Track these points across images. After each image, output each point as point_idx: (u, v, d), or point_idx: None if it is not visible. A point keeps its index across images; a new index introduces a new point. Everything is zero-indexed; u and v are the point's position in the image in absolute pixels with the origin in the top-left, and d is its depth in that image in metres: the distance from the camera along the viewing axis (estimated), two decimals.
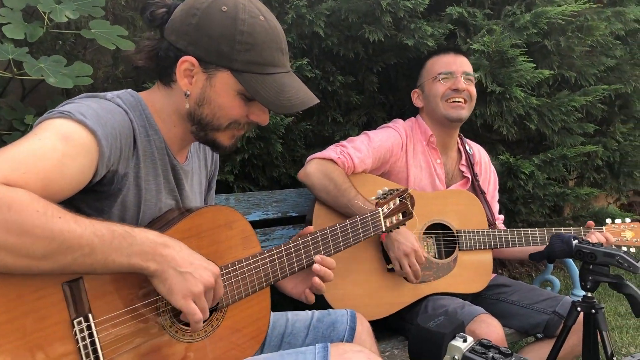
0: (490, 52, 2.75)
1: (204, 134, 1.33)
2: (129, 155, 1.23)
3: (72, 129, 1.10)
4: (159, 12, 1.29)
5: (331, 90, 2.92)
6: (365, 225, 1.66)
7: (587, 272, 1.83)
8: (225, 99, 1.28)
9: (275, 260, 1.39)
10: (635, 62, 3.63)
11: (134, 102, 1.30)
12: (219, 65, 1.25)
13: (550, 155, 3.17)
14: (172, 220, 1.28)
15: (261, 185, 2.87)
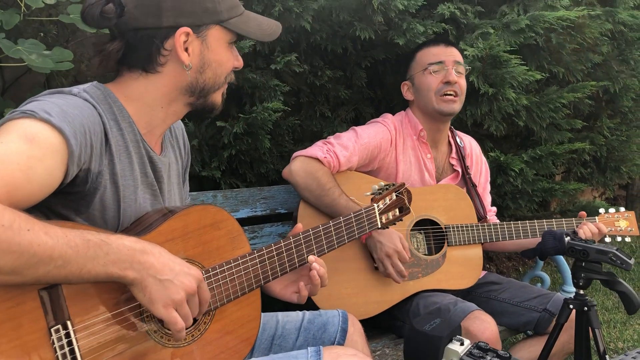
0: (483, 56, 2.73)
1: (204, 99, 1.35)
2: (101, 151, 1.18)
3: (37, 129, 1.04)
4: (107, 8, 1.22)
5: (319, 84, 2.88)
6: (359, 222, 1.62)
7: (579, 269, 1.81)
8: (222, 54, 1.32)
9: (265, 260, 1.35)
10: (622, 57, 3.64)
11: (101, 95, 1.24)
12: (209, 23, 1.28)
13: (539, 152, 3.17)
14: (156, 222, 1.22)
15: (249, 181, 2.83)
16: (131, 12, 1.23)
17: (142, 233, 1.19)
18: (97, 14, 1.22)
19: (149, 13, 1.22)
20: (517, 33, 2.83)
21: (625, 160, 3.93)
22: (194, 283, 1.13)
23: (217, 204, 2.14)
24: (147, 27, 1.23)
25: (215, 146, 2.66)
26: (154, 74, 1.28)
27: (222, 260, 1.27)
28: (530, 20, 2.81)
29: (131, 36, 1.24)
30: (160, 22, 1.23)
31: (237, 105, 2.74)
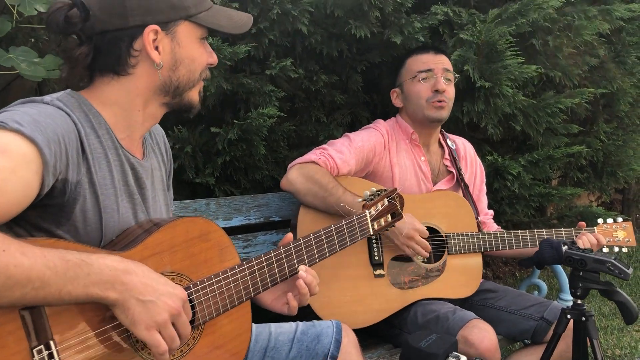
0: (479, 43, 2.70)
1: (180, 98, 1.32)
2: (77, 160, 1.14)
3: (8, 139, 1.00)
4: (72, 13, 1.18)
5: (314, 89, 2.86)
6: (351, 230, 1.59)
7: (577, 279, 1.79)
8: (194, 50, 1.30)
9: (255, 271, 1.32)
10: (619, 59, 3.62)
11: (75, 102, 1.20)
12: (177, 19, 1.26)
13: (536, 156, 3.15)
14: (141, 236, 1.19)
15: (243, 187, 2.80)
16: (96, 15, 1.20)
17: (128, 247, 1.16)
18: (61, 20, 1.18)
19: (114, 14, 1.20)
20: (508, 21, 2.82)
21: (622, 165, 3.91)
22: (179, 303, 1.10)
23: (210, 212, 2.11)
24: (114, 28, 1.21)
25: (209, 152, 2.63)
26: (126, 76, 1.25)
27: (210, 273, 1.24)
28: (521, 6, 2.80)
29: (98, 40, 1.21)
30: (126, 23, 1.20)
31: (232, 111, 2.71)
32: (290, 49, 2.75)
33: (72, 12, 1.18)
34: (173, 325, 1.11)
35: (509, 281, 4.38)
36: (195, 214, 2.09)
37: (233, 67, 2.55)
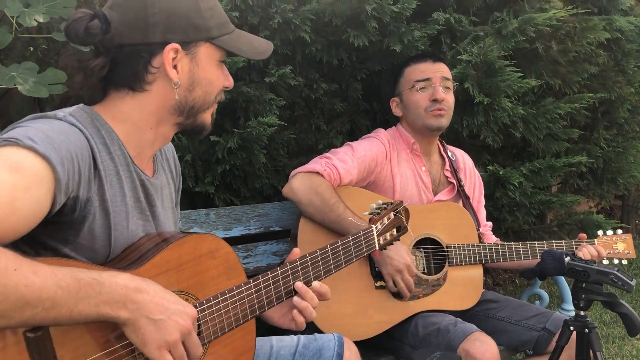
0: (477, 62, 2.70)
1: (193, 119, 1.31)
2: (89, 177, 1.13)
3: (21, 157, 0.99)
4: (92, 24, 1.17)
5: (314, 98, 2.86)
6: (357, 245, 1.57)
7: (580, 291, 1.79)
8: (212, 72, 1.29)
9: (261, 289, 1.30)
10: (619, 68, 3.63)
11: (88, 118, 1.18)
12: (199, 40, 1.25)
13: (538, 165, 3.15)
14: (149, 252, 1.18)
15: (243, 196, 2.79)
16: (117, 28, 1.18)
17: (135, 265, 1.14)
18: (81, 30, 1.16)
19: (136, 29, 1.18)
20: (507, 38, 2.82)
21: (622, 172, 3.91)
22: (189, 322, 1.09)
23: (210, 222, 2.10)
24: (134, 43, 1.19)
25: (208, 161, 2.62)
26: (142, 92, 1.23)
27: (217, 291, 1.22)
28: (519, 23, 2.80)
29: (117, 53, 1.20)
30: (148, 38, 1.19)
31: (231, 119, 2.71)
32: (290, 57, 2.75)
33: (93, 22, 1.17)
34: (183, 344, 1.09)
35: (509, 288, 4.38)
36: (195, 224, 2.08)
37: (232, 75, 2.54)
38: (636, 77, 3.71)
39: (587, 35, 3.09)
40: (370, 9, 2.53)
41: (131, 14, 1.18)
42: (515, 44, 2.82)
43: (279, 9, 2.52)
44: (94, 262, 1.15)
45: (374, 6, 2.55)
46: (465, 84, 2.71)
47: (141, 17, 1.18)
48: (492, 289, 4.34)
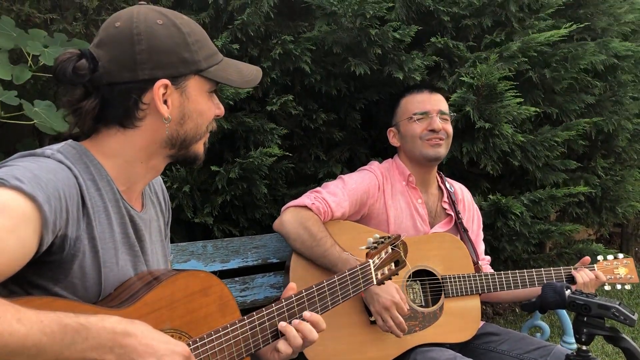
0: (479, 85, 2.72)
1: (186, 151, 1.31)
2: (77, 215, 1.12)
3: (7, 197, 0.98)
4: (81, 64, 1.17)
5: (314, 127, 2.87)
6: (355, 280, 1.55)
7: (581, 325, 1.76)
8: (202, 103, 1.29)
9: (256, 326, 1.28)
10: (616, 99, 3.65)
11: (77, 154, 1.18)
12: (188, 74, 1.24)
13: (538, 195, 3.15)
14: (141, 291, 1.16)
15: (242, 226, 2.78)
16: (105, 67, 1.18)
17: (127, 303, 1.13)
18: (69, 70, 1.16)
19: (124, 67, 1.18)
20: (509, 59, 2.85)
21: (621, 201, 3.91)
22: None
23: (207, 254, 2.09)
24: (123, 81, 1.19)
25: (207, 191, 2.62)
26: (132, 128, 1.23)
27: (210, 329, 1.20)
28: (521, 44, 2.82)
29: (106, 91, 1.19)
30: (136, 76, 1.18)
31: (231, 149, 2.71)
32: (290, 88, 2.77)
33: (80, 63, 1.17)
34: None
35: (509, 318, 4.33)
36: (192, 257, 2.06)
37: (233, 106, 2.55)
38: (632, 108, 3.73)
39: (579, 62, 3.11)
40: (373, 32, 2.56)
41: (118, 52, 1.18)
42: (517, 66, 2.84)
43: (279, 40, 2.54)
44: (86, 300, 1.13)
45: (377, 31, 2.57)
46: (465, 108, 2.72)
47: (128, 54, 1.18)
48: (492, 318, 4.30)
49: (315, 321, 1.39)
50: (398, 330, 1.95)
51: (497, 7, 2.91)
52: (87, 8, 2.37)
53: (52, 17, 2.31)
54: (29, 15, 2.22)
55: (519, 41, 2.85)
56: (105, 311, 1.04)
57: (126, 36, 1.18)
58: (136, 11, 1.23)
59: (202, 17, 2.56)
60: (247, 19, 2.50)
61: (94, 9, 2.38)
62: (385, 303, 1.92)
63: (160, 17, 1.22)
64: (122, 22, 1.21)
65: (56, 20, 2.32)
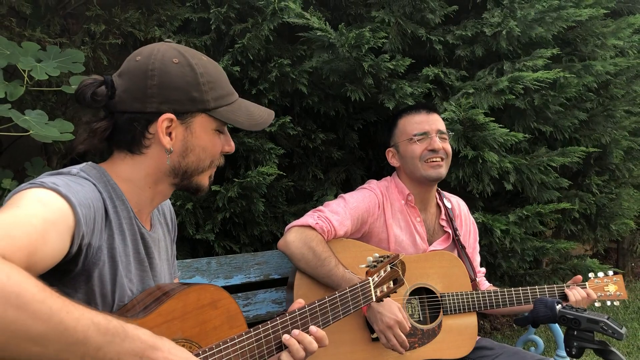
0: (462, 118, 2.80)
1: (188, 181, 1.38)
2: (101, 226, 1.20)
3: (48, 195, 1.08)
4: (99, 91, 1.27)
5: (312, 147, 2.95)
6: (355, 297, 1.62)
7: (572, 338, 1.83)
8: (206, 140, 1.35)
9: (261, 338, 1.35)
10: (608, 113, 3.71)
11: (97, 174, 1.28)
12: (195, 111, 1.31)
13: (525, 212, 3.20)
14: (154, 303, 1.24)
15: (242, 243, 2.85)
16: (120, 96, 1.28)
17: (142, 314, 1.20)
18: (88, 95, 1.26)
19: (135, 98, 1.27)
20: (498, 94, 2.92)
21: (615, 218, 3.96)
22: None
23: (211, 270, 2.15)
24: (133, 111, 1.28)
25: (209, 209, 2.69)
26: (139, 155, 1.32)
27: (219, 340, 1.27)
28: (509, 81, 2.89)
29: (119, 117, 1.29)
30: (144, 108, 1.27)
31: (232, 168, 2.79)
32: (289, 109, 2.85)
33: (100, 89, 1.27)
34: None
35: (506, 333, 4.38)
36: (197, 273, 2.12)
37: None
38: (624, 121, 3.80)
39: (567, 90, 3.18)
40: (367, 65, 2.64)
41: (132, 84, 1.27)
42: (504, 101, 2.93)
43: (277, 64, 2.63)
44: (102, 309, 1.21)
45: (371, 63, 2.66)
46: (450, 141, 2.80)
47: (141, 87, 1.27)
48: (489, 333, 4.35)
49: (320, 337, 1.47)
50: (401, 348, 2.00)
51: (488, 37, 3.00)
52: (95, 32, 2.45)
53: (61, 41, 2.39)
54: (40, 40, 2.29)
55: (507, 79, 2.91)
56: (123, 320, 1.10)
57: (142, 70, 1.27)
58: (157, 48, 1.32)
59: (204, 39, 2.65)
60: (248, 43, 2.58)
61: (101, 32, 2.46)
62: (388, 322, 1.97)
63: (177, 56, 1.30)
64: (142, 56, 1.30)
65: (65, 44, 2.39)
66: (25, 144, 2.49)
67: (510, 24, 2.92)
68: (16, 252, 0.96)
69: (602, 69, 3.33)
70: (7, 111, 1.94)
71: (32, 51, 2.11)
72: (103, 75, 1.31)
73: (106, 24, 2.48)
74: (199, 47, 2.63)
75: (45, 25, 2.45)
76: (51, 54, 2.14)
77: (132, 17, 2.51)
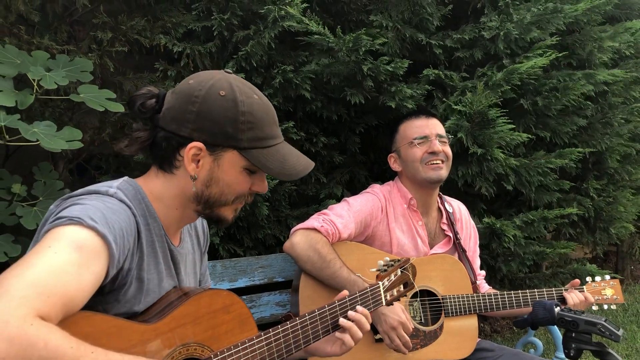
0: (471, 113, 2.84)
1: (210, 211, 1.38)
2: (133, 250, 1.25)
3: (85, 236, 1.12)
4: (149, 103, 1.31)
5: (315, 151, 2.98)
6: (365, 301, 1.65)
7: (570, 340, 1.86)
8: (233, 176, 1.34)
9: (272, 342, 1.38)
10: (606, 120, 3.76)
11: (133, 191, 1.32)
12: (225, 146, 1.31)
13: (531, 216, 3.25)
14: (170, 305, 1.29)
15: (246, 246, 2.89)
16: (164, 112, 1.32)
17: (157, 317, 1.25)
18: (137, 105, 1.31)
19: (174, 118, 1.30)
20: (495, 88, 2.96)
21: (614, 222, 4.00)
22: None
23: (216, 273, 2.19)
24: (169, 130, 1.31)
25: None
26: (170, 174, 1.35)
27: (230, 344, 1.31)
28: (505, 74, 2.94)
29: (158, 132, 1.33)
30: (179, 130, 1.29)
31: None
32: (292, 113, 2.89)
33: (149, 102, 1.32)
34: None
35: (506, 335, 4.41)
36: None
37: None
38: (622, 129, 3.85)
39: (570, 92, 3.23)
40: (366, 68, 2.69)
41: (176, 105, 1.30)
42: (502, 94, 2.97)
43: (280, 70, 2.67)
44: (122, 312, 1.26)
45: (370, 66, 2.70)
46: (459, 134, 2.85)
47: (181, 110, 1.29)
48: (490, 335, 4.38)
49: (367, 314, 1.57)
50: (404, 348, 2.04)
51: (487, 41, 3.04)
52: (102, 39, 2.49)
53: (68, 49, 2.42)
54: (48, 47, 2.33)
55: (503, 71, 2.96)
56: (137, 326, 1.15)
57: (188, 94, 1.30)
58: (212, 76, 1.32)
59: (208, 47, 2.69)
60: (251, 50, 2.62)
61: (108, 40, 2.50)
62: (392, 323, 2.01)
63: (226, 89, 1.30)
64: (195, 81, 1.32)
65: (72, 52, 2.43)
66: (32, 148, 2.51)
67: (507, 26, 2.96)
68: (53, 308, 1.02)
69: (602, 78, 3.38)
70: (16, 122, 1.98)
71: (41, 60, 2.14)
72: (159, 88, 1.35)
73: (112, 31, 2.52)
74: (203, 54, 2.67)
75: (53, 33, 2.48)
76: (60, 62, 2.17)
77: (138, 24, 2.55)
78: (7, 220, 2.07)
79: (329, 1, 2.94)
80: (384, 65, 2.73)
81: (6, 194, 2.13)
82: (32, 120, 2.25)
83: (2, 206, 2.09)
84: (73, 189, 2.38)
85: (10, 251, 2.03)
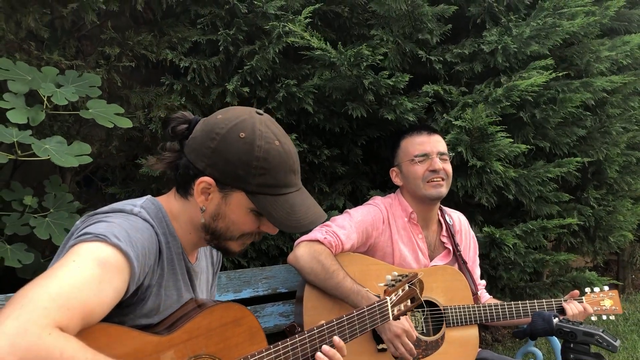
0: (471, 128, 2.88)
1: (217, 242, 1.42)
2: (154, 268, 1.30)
3: (108, 253, 1.16)
4: (179, 128, 1.37)
5: (317, 162, 3.03)
6: (372, 315, 1.68)
7: (568, 350, 1.91)
8: (239, 216, 1.36)
9: (280, 355, 1.42)
10: (605, 130, 3.80)
11: (155, 210, 1.37)
12: (234, 187, 1.33)
13: (530, 226, 3.28)
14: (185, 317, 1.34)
15: (249, 257, 2.92)
16: (190, 140, 1.36)
17: (170, 330, 1.29)
18: (169, 128, 1.37)
19: (194, 149, 1.34)
20: (494, 104, 3.00)
21: (613, 231, 4.02)
22: None
23: (221, 284, 2.23)
24: (189, 159, 1.35)
25: None
26: (186, 199, 1.39)
27: (240, 356, 1.35)
28: (504, 90, 2.99)
29: (181, 157, 1.37)
30: (195, 161, 1.33)
31: None
32: (295, 126, 2.94)
33: (180, 127, 1.37)
34: None
35: (507, 344, 4.44)
36: None
37: None
38: (621, 138, 3.89)
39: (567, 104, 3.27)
40: (367, 82, 2.74)
41: (199, 136, 1.34)
42: (501, 109, 3.02)
43: (284, 84, 2.72)
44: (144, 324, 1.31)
45: (371, 80, 2.75)
46: (459, 149, 2.89)
47: (201, 143, 1.33)
48: (491, 345, 4.41)
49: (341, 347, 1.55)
50: (408, 356, 2.07)
51: (486, 54, 3.09)
52: (110, 55, 2.54)
53: (77, 64, 2.48)
54: (57, 63, 2.38)
55: (503, 88, 3.00)
56: (151, 338, 1.20)
57: (211, 130, 1.33)
58: (238, 115, 1.35)
59: (213, 61, 2.73)
60: (256, 65, 2.67)
61: (115, 55, 2.55)
62: (396, 331, 2.05)
63: (248, 132, 1.31)
64: (222, 117, 1.35)
65: (80, 67, 2.48)
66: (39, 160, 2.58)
67: (506, 39, 3.01)
68: (72, 319, 1.06)
69: (600, 85, 3.42)
70: (28, 138, 2.04)
71: (51, 76, 2.20)
72: (194, 114, 1.39)
73: (120, 46, 2.57)
74: (209, 69, 2.72)
75: (62, 48, 2.53)
76: (69, 78, 2.23)
77: (145, 39, 2.60)
78: (20, 230, 2.15)
79: (331, 16, 3.00)
80: (384, 79, 2.78)
81: (18, 206, 2.19)
82: (42, 134, 2.31)
83: (15, 217, 2.16)
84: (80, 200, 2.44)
85: (24, 259, 2.11)
